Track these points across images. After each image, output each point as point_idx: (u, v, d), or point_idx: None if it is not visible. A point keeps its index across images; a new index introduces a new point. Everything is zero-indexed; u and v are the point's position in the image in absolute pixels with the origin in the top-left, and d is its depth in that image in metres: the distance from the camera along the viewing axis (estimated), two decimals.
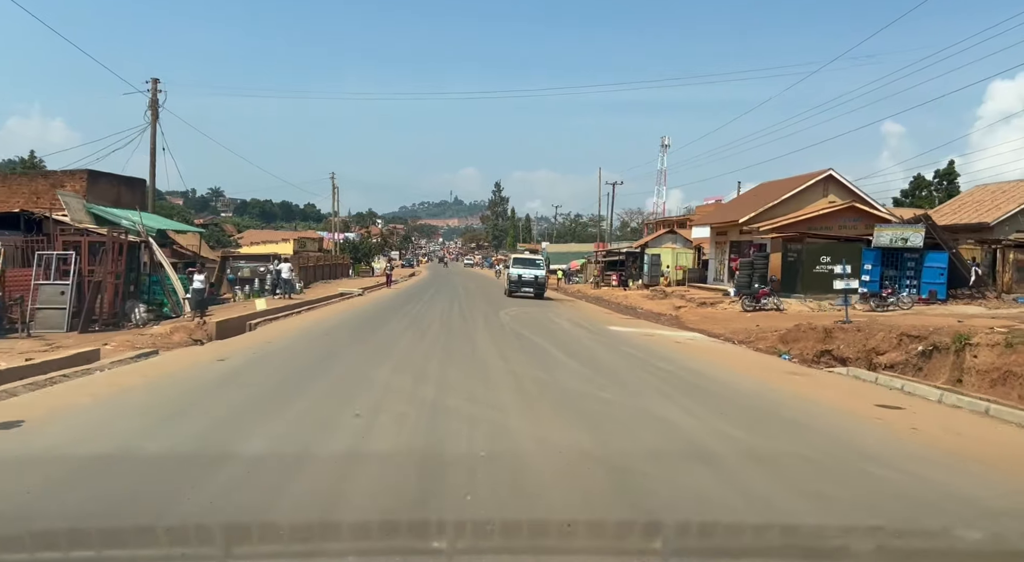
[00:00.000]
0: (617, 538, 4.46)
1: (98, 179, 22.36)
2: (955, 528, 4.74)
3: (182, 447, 6.12)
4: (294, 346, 13.63)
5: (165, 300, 21.51)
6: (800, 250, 28.72)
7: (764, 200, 33.13)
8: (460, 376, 10.20)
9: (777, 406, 8.73)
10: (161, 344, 13.63)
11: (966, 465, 6.34)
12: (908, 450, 6.81)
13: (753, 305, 27.00)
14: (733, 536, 4.48)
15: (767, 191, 35.58)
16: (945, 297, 26.95)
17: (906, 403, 9.04)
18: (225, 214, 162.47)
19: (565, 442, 6.51)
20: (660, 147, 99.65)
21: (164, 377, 9.80)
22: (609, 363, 12.49)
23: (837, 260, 28.16)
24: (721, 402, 8.98)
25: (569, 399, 8.72)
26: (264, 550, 4.16)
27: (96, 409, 7.76)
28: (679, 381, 10.59)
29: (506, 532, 4.42)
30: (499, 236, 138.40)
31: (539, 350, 13.93)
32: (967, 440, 7.41)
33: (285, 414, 7.53)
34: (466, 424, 7.21)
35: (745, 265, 31.03)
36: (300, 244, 63.77)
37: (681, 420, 7.62)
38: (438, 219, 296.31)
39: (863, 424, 7.85)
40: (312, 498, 4.88)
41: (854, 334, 15.18)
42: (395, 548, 4.16)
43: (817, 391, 9.97)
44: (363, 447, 6.25)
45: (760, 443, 6.79)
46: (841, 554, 4.34)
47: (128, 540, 4.10)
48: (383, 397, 8.51)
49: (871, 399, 9.07)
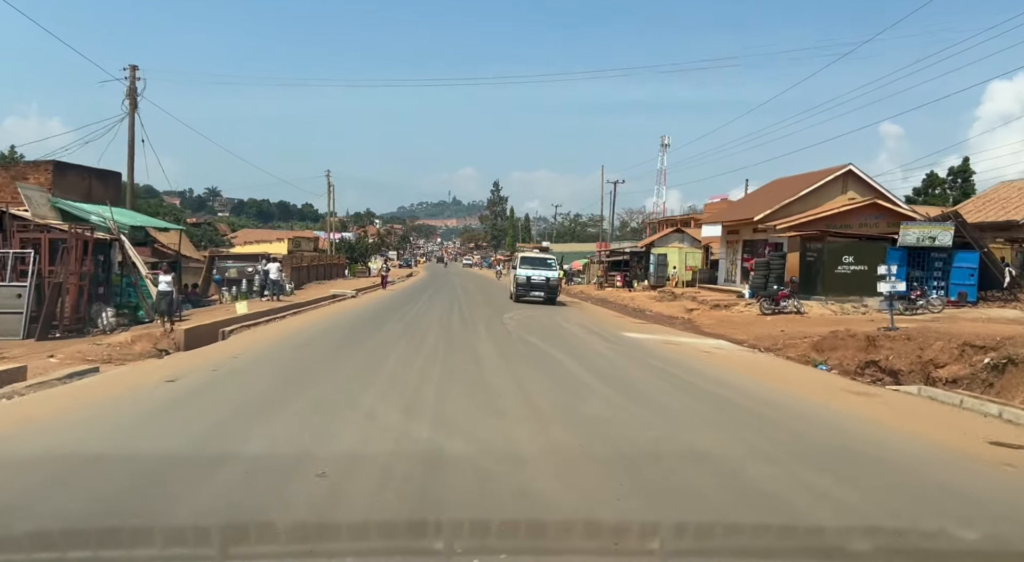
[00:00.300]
0: (615, 538, 4.27)
1: (66, 171, 20.58)
2: (952, 528, 4.63)
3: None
4: (265, 361, 11.60)
5: (140, 304, 19.79)
6: (820, 249, 27.02)
7: (779, 197, 31.42)
8: (464, 406, 8.07)
9: (864, 444, 6.86)
10: (118, 356, 11.90)
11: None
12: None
13: (772, 308, 25.30)
14: (731, 536, 4.39)
15: (782, 188, 33.88)
16: (975, 299, 25.28)
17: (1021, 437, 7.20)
18: (222, 214, 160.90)
19: (612, 511, 4.68)
20: (660, 146, 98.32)
21: (72, 411, 7.56)
22: (640, 382, 10.66)
23: (861, 260, 26.51)
24: (792, 438, 7.18)
25: (608, 439, 6.73)
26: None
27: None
28: (730, 406, 8.79)
29: (504, 532, 4.29)
30: (498, 236, 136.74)
31: (555, 365, 12.11)
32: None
33: (216, 477, 5.20)
34: (475, 487, 5.15)
35: (760, 265, 29.32)
36: (295, 244, 62.07)
37: (757, 470, 5.75)
38: (436, 219, 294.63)
39: (995, 476, 5.95)
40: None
41: (904, 343, 13.48)
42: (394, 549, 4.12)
43: (901, 420, 8.14)
44: (319, 542, 4.13)
45: (877, 509, 4.89)
46: (839, 554, 4.25)
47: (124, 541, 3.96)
48: (362, 441, 6.39)
49: (975, 432, 7.23)
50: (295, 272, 39.73)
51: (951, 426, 7.77)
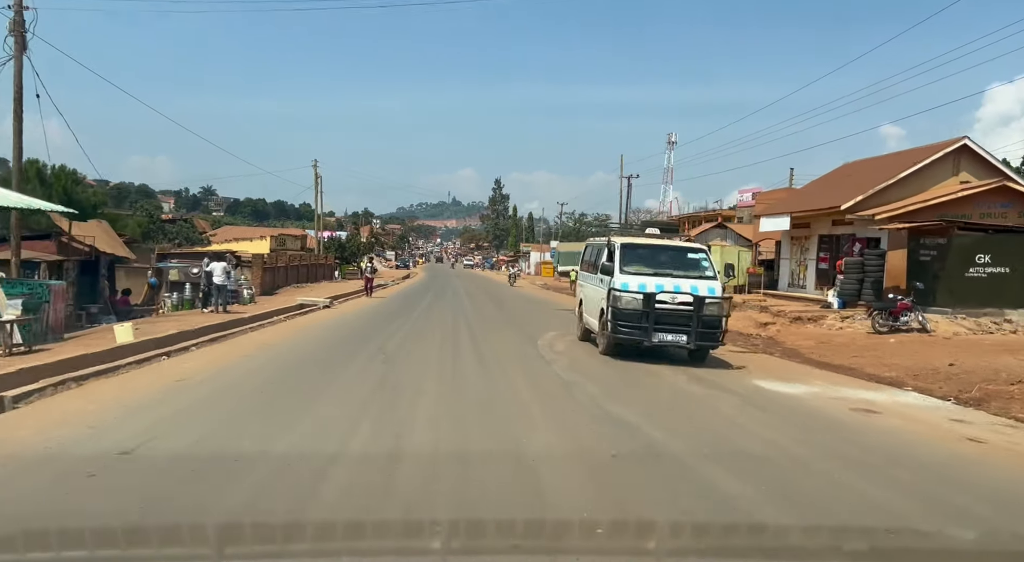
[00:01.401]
0: (612, 538, 4.20)
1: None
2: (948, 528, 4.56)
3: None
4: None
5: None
6: (942, 246, 20.46)
7: (867, 181, 24.82)
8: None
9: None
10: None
11: None
12: None
13: (889, 324, 18.76)
14: (727, 536, 4.32)
15: (865, 171, 27.31)
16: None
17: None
18: (217, 213, 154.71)
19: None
20: (667, 144, 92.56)
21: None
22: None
23: (1001, 260, 19.98)
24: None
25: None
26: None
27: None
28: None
29: (501, 532, 4.18)
30: (500, 235, 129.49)
31: (712, 501, 5.51)
32: None
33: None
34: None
35: (853, 266, 22.76)
36: (279, 242, 55.38)
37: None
38: (436, 220, 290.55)
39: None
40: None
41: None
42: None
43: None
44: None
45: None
46: (834, 554, 4.16)
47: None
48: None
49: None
50: (268, 274, 33.11)
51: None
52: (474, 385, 10.33)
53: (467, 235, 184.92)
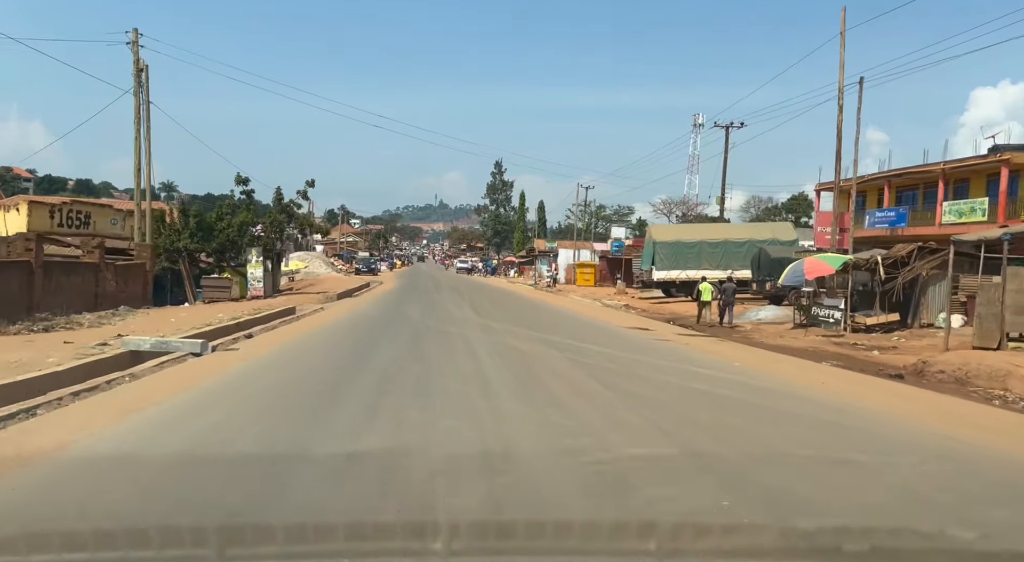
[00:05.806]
0: (612, 539, 4.18)
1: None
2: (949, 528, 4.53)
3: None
4: None
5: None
6: None
7: None
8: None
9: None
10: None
11: None
12: None
13: None
14: (728, 537, 4.30)
15: None
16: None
17: None
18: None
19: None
20: (692, 127, 70.55)
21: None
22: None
23: None
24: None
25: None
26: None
27: None
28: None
29: (501, 533, 4.20)
30: (501, 232, 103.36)
31: None
32: None
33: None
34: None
35: None
36: (57, 216, 23.73)
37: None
38: (423, 223, 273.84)
39: None
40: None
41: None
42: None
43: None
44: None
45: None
46: (836, 554, 4.07)
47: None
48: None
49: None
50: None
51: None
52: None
53: (456, 234, 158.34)
